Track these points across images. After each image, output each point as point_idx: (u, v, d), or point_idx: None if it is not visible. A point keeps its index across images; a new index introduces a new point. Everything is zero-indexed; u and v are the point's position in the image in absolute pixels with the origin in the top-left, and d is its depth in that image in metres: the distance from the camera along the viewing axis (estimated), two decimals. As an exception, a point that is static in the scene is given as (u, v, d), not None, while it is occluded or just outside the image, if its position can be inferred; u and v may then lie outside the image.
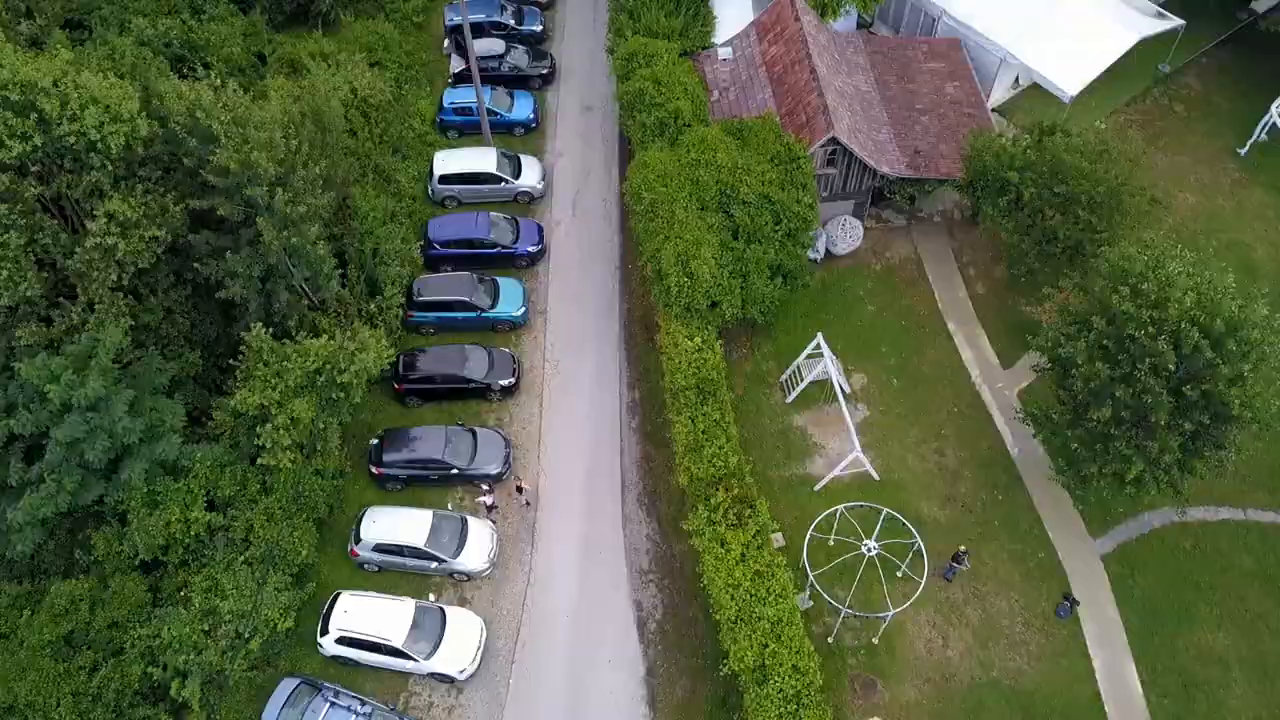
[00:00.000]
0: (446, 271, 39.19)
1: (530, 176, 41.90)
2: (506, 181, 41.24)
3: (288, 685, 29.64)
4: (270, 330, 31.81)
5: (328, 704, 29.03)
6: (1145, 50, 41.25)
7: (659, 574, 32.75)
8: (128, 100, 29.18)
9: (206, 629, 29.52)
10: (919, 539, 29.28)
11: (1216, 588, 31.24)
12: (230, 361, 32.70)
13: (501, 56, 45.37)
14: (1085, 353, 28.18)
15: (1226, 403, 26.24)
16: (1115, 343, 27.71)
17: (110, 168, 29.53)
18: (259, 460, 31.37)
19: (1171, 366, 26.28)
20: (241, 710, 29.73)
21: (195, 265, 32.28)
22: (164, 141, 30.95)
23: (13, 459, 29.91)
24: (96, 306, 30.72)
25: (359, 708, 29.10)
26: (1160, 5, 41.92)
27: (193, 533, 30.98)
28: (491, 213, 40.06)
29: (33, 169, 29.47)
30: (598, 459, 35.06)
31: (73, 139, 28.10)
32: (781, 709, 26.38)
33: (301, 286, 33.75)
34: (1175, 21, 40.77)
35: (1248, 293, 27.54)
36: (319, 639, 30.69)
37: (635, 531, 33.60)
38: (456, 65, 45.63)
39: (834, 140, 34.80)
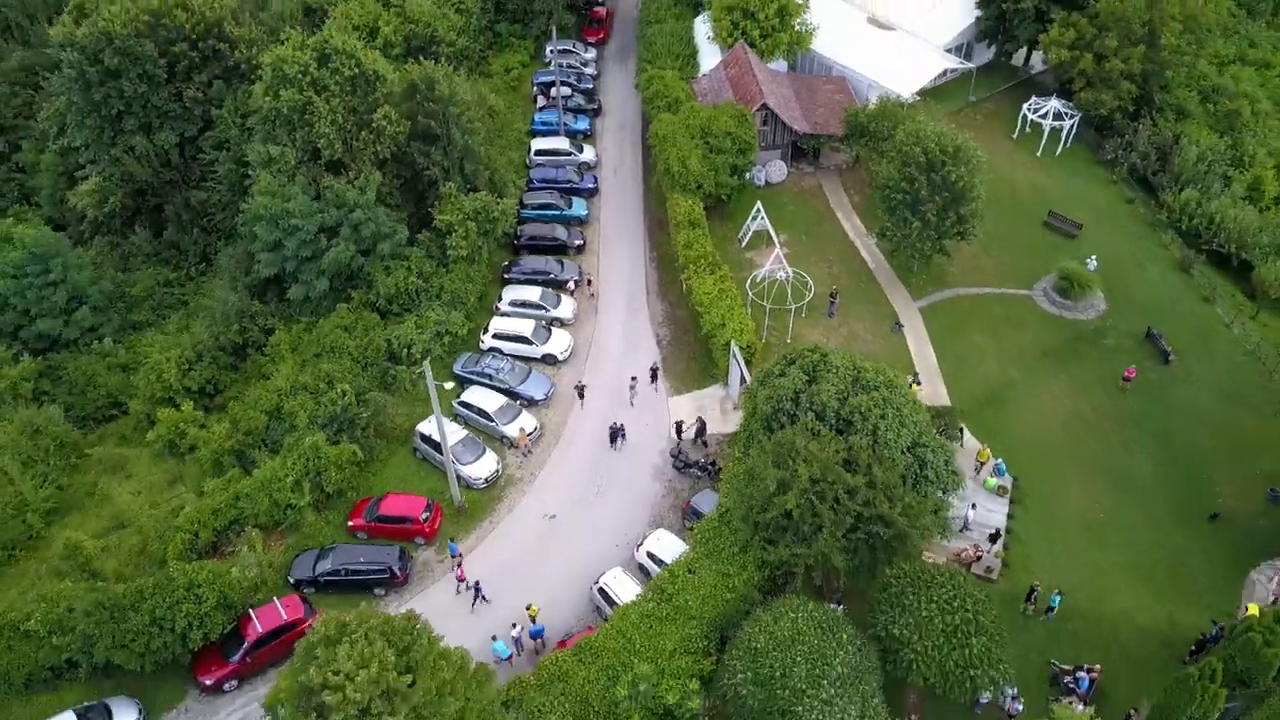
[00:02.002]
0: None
1: (588, 154, 71.87)
2: (573, 155, 71.11)
3: (468, 355, 56.01)
4: (450, 185, 60.54)
5: (489, 358, 55.38)
6: (960, 88, 72.33)
7: (667, 322, 59.68)
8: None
9: (421, 331, 56.30)
10: (812, 292, 56.64)
11: (979, 320, 58.00)
12: (429, 209, 61.07)
13: (566, 100, 76.57)
14: (895, 186, 56.52)
15: (960, 185, 54.28)
16: (908, 181, 55.99)
17: (384, 109, 58.86)
18: (448, 255, 59.04)
19: (935, 178, 54.55)
20: (441, 373, 55.75)
21: (415, 155, 61.21)
22: (411, 87, 60.74)
23: (322, 237, 57.54)
24: (363, 172, 59.50)
25: (504, 362, 55.35)
26: (965, 57, 73.47)
27: (408, 289, 58.17)
28: (571, 156, 69.96)
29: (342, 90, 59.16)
30: (632, 278, 62.75)
31: (371, 73, 58.06)
32: (728, 346, 52.93)
33: (464, 172, 62.69)
34: (969, 65, 72.16)
35: (963, 142, 56.23)
36: (481, 337, 57.35)
37: (654, 305, 60.83)
38: (541, 102, 76.84)
39: (765, 106, 64.72)
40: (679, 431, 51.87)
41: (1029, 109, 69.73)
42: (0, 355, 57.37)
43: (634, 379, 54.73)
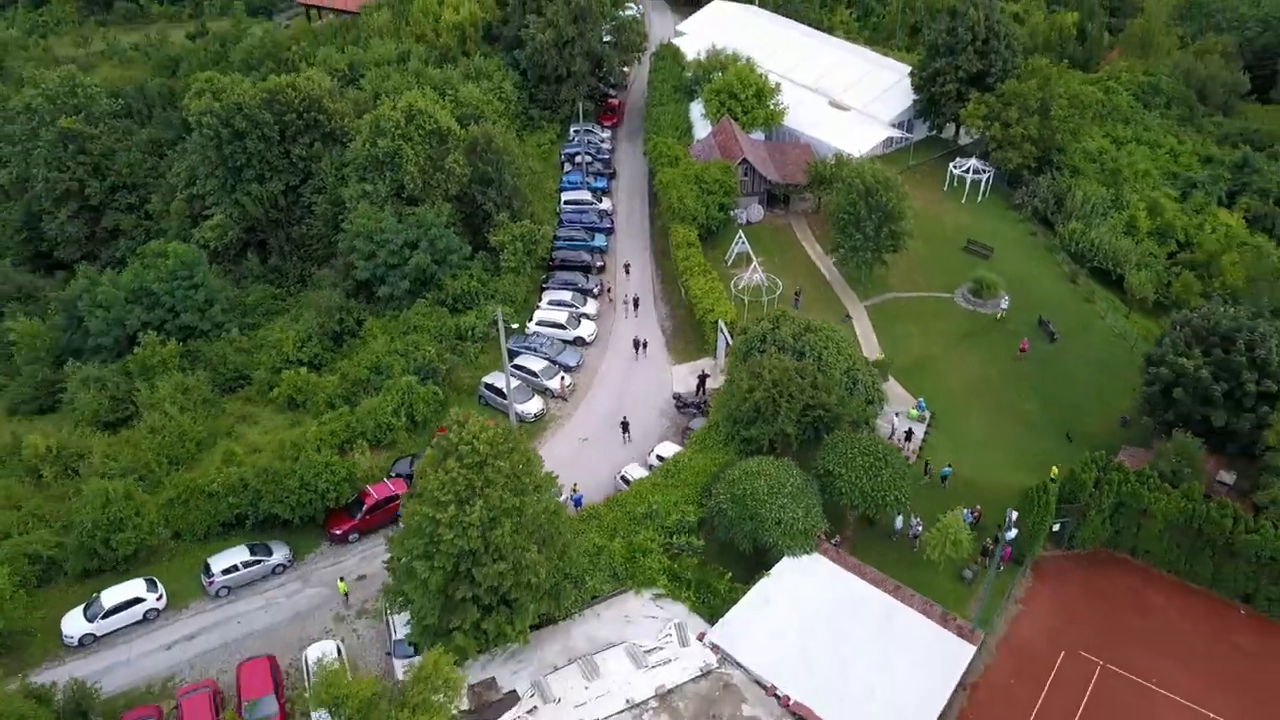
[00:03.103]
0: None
1: (606, 204, 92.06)
2: (594, 204, 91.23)
3: (517, 337, 74.51)
4: (503, 216, 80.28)
5: (535, 338, 73.83)
6: (903, 155, 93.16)
7: (668, 318, 78.47)
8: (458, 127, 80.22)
9: (480, 320, 74.92)
10: (780, 289, 75.62)
11: (911, 314, 76.66)
12: (485, 236, 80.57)
13: (588, 165, 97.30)
14: (842, 209, 76.16)
15: (891, 206, 73.76)
16: (851, 204, 75.56)
17: (453, 156, 79.20)
18: (500, 266, 78.22)
19: (872, 201, 74.14)
20: (494, 352, 74.05)
21: (473, 194, 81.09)
22: (473, 141, 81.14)
23: (406, 249, 76.61)
24: (435, 203, 79.24)
25: (546, 339, 73.75)
26: (907, 131, 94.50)
27: (470, 290, 77.04)
28: (590, 195, 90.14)
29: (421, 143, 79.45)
30: (642, 288, 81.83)
31: (445, 129, 78.51)
32: (716, 324, 71.63)
33: (512, 207, 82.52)
34: (909, 136, 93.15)
35: (892, 176, 76.07)
36: (528, 325, 75.88)
37: (659, 307, 79.77)
38: (568, 168, 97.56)
39: (745, 160, 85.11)
40: (698, 386, 69.60)
41: (954, 167, 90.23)
42: (153, 339, 75.71)
43: (645, 342, 73.64)
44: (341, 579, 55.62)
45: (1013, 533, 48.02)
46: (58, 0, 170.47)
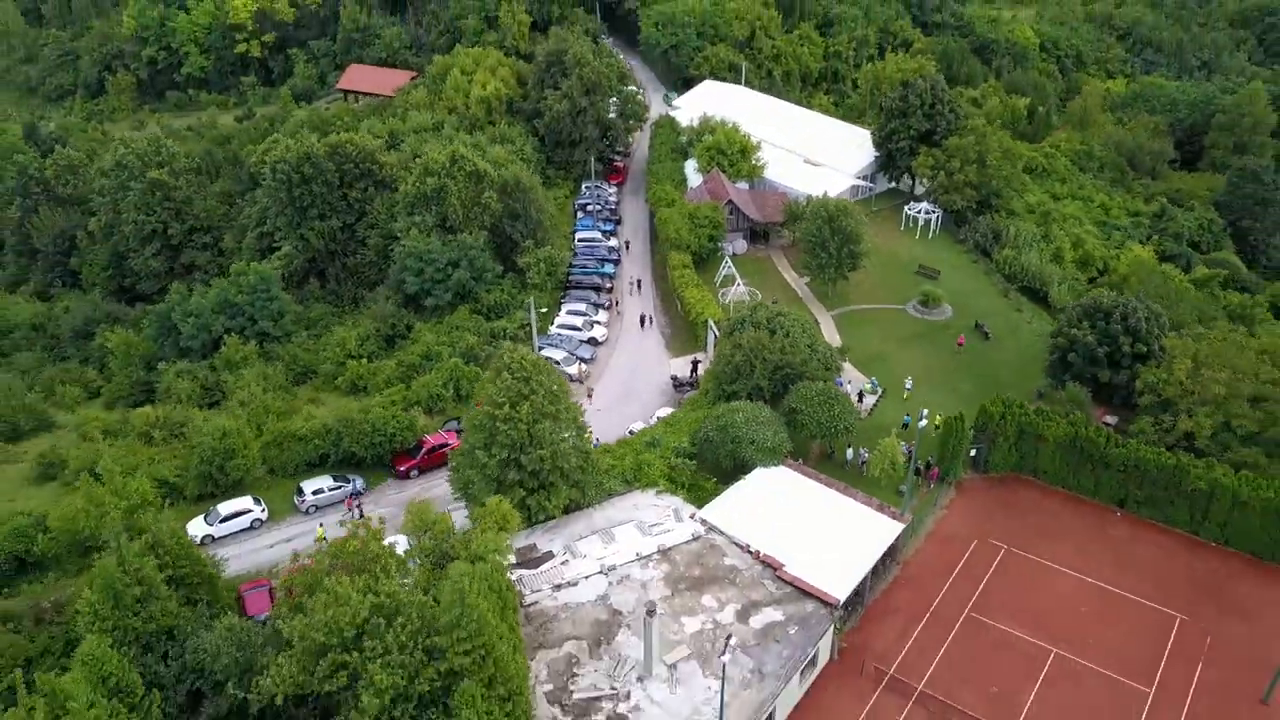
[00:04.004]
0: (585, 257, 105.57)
1: (613, 242, 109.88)
2: (603, 241, 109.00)
3: (542, 335, 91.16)
4: (529, 244, 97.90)
5: (558, 337, 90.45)
6: (867, 203, 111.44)
7: (666, 326, 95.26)
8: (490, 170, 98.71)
9: (511, 324, 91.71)
10: (759, 297, 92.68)
11: (869, 321, 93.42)
12: (514, 260, 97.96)
13: (598, 212, 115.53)
14: (809, 233, 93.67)
15: (850, 229, 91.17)
16: (817, 229, 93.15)
17: (488, 193, 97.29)
18: (527, 282, 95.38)
19: (834, 225, 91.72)
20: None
21: (504, 226, 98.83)
22: (505, 183, 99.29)
23: (449, 268, 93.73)
24: (473, 232, 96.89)
25: (567, 337, 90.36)
26: (871, 183, 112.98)
27: (502, 301, 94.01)
28: (602, 241, 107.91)
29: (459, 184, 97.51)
30: (645, 301, 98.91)
31: (481, 171, 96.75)
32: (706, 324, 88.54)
33: (536, 237, 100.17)
34: (871, 185, 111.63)
35: (851, 205, 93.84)
36: (550, 328, 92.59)
37: (659, 316, 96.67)
38: (581, 215, 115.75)
39: (730, 201, 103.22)
40: (690, 370, 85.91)
41: (908, 209, 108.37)
42: (235, 341, 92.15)
43: (649, 318, 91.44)
44: (321, 525, 69.56)
45: (923, 422, 64.18)
46: (114, 91, 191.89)
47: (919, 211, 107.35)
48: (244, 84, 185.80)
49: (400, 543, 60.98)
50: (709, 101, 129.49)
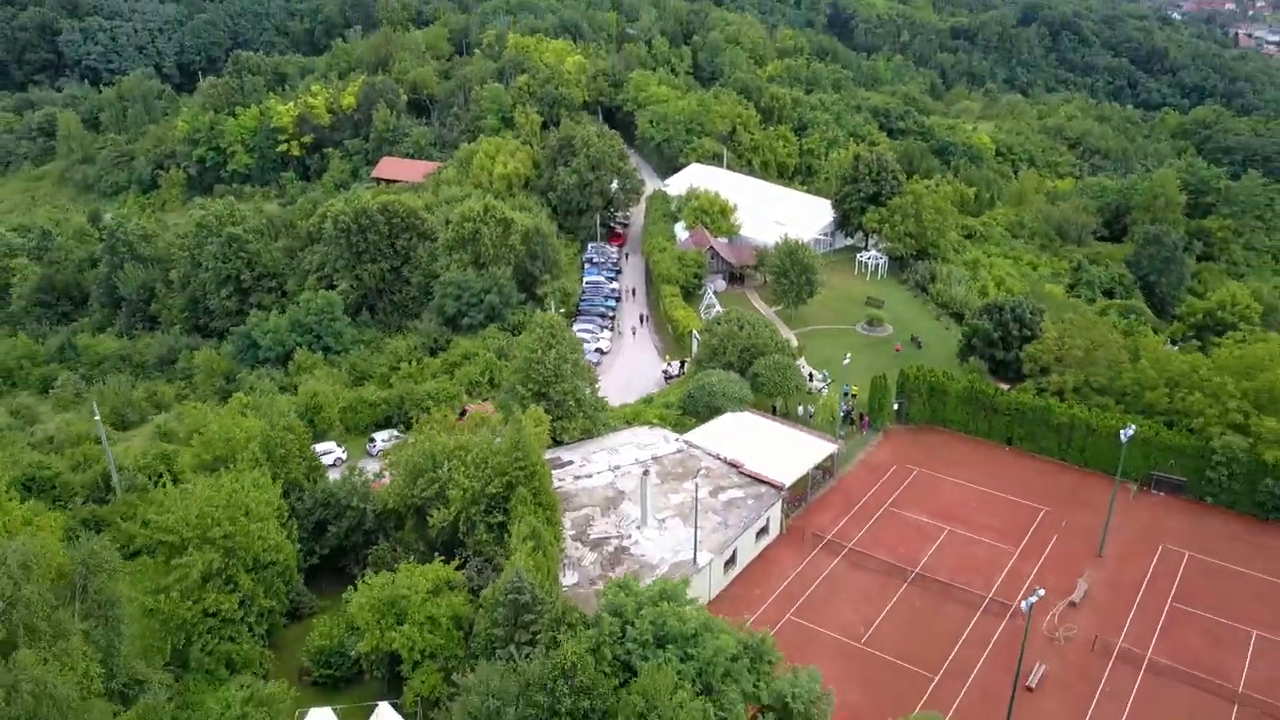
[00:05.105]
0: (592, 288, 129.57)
1: (614, 285, 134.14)
2: (606, 284, 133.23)
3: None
4: (546, 277, 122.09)
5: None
6: (826, 252, 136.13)
7: (660, 343, 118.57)
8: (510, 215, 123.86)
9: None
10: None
11: (825, 336, 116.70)
12: (533, 291, 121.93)
13: (601, 266, 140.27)
14: (774, 265, 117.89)
15: (807, 261, 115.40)
16: (781, 261, 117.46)
17: (513, 236, 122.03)
18: (544, 308, 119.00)
19: (793, 258, 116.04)
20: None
21: (525, 264, 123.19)
22: (527, 230, 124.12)
23: (481, 294, 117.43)
24: (500, 267, 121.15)
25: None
26: (831, 239, 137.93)
27: (524, 322, 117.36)
28: (606, 284, 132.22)
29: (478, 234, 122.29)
30: (640, 331, 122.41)
31: (508, 219, 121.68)
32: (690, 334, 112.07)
33: (551, 273, 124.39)
34: (833, 242, 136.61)
35: (807, 242, 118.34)
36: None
37: (652, 337, 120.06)
38: (587, 268, 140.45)
39: (712, 248, 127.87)
40: (680, 366, 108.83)
41: (860, 257, 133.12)
42: (305, 353, 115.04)
43: (643, 317, 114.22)
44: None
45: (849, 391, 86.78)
46: (166, 185, 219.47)
47: (868, 258, 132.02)
48: (283, 178, 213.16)
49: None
50: (696, 180, 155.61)
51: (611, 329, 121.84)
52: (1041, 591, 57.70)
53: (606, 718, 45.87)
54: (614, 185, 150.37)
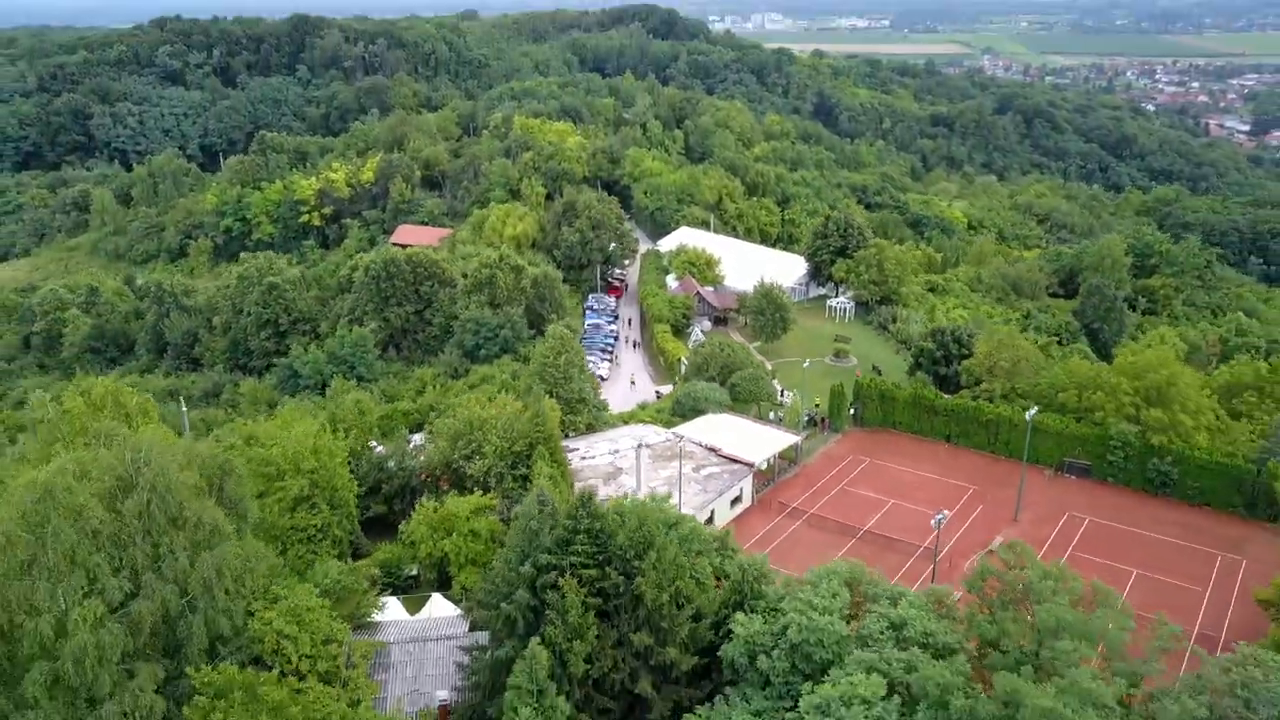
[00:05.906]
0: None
1: (613, 328, 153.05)
2: (605, 327, 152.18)
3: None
4: (553, 317, 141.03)
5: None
6: (800, 300, 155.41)
7: (651, 364, 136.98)
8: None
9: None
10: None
11: (798, 367, 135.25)
12: (542, 329, 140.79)
13: (601, 313, 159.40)
14: (752, 305, 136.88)
15: (780, 300, 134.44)
16: (758, 300, 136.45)
17: (524, 280, 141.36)
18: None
19: (768, 298, 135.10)
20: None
21: (534, 305, 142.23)
22: (536, 279, 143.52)
23: (496, 329, 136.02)
24: (513, 307, 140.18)
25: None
26: (805, 288, 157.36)
27: (531, 354, 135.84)
28: (605, 326, 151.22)
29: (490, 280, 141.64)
30: (635, 361, 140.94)
31: (520, 265, 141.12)
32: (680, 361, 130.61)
33: (558, 313, 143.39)
34: (807, 291, 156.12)
35: (781, 287, 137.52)
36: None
37: (646, 368, 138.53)
38: (588, 314, 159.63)
39: (698, 293, 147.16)
40: (671, 387, 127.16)
41: (830, 303, 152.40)
42: (341, 381, 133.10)
43: (636, 342, 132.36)
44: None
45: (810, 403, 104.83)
46: (195, 253, 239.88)
47: (837, 304, 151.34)
48: (304, 246, 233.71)
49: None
50: (685, 239, 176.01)
51: (611, 360, 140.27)
52: (947, 512, 75.23)
53: (612, 539, 61.87)
54: (612, 245, 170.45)
